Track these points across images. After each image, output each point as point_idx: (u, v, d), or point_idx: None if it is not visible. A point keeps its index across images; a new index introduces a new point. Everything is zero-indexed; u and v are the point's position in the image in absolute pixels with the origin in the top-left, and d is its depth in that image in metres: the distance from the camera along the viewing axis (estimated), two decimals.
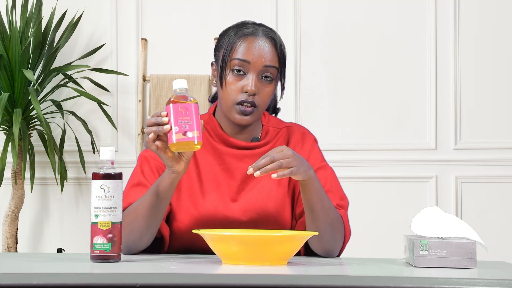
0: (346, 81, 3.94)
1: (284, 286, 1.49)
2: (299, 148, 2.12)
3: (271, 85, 2.04)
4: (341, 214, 2.02)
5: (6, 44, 3.73)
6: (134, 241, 1.94)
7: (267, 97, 2.03)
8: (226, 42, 2.05)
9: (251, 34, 2.04)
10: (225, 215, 2.04)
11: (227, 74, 2.03)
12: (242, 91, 2.01)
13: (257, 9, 3.96)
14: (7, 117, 3.73)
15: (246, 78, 2.02)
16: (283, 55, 2.07)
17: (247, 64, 2.02)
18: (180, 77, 3.92)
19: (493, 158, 3.88)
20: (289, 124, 2.17)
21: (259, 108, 2.03)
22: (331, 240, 1.98)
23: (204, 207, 2.04)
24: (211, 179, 2.06)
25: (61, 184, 3.78)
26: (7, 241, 3.70)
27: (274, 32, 2.08)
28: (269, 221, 2.05)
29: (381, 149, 3.91)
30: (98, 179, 1.71)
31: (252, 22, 2.09)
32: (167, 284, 1.49)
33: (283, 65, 2.07)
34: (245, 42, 2.03)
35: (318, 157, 2.12)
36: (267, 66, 2.02)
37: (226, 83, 2.03)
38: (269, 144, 2.12)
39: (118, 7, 4.01)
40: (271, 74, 2.03)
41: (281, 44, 2.06)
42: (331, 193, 2.05)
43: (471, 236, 1.77)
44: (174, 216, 2.06)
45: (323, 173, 2.09)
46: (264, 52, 2.02)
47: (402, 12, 3.93)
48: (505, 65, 3.89)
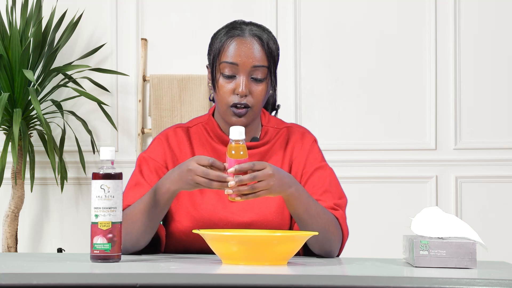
0: (346, 81, 3.94)
1: (284, 286, 1.49)
2: (298, 148, 2.12)
3: (263, 83, 2.04)
4: (337, 215, 2.02)
5: (6, 44, 3.73)
6: (131, 244, 1.95)
7: (260, 96, 2.04)
8: (215, 45, 2.08)
9: (238, 36, 2.04)
10: (223, 215, 2.04)
11: (218, 78, 2.05)
12: (234, 93, 2.03)
13: (257, 9, 3.95)
14: (7, 117, 3.73)
15: (236, 80, 2.03)
16: (271, 52, 2.05)
17: (235, 66, 2.03)
18: (180, 77, 3.92)
19: (493, 158, 3.88)
20: (289, 125, 2.17)
21: (253, 108, 2.04)
22: (327, 242, 1.98)
23: (202, 207, 2.05)
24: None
25: (61, 184, 3.78)
26: (7, 241, 3.70)
27: (262, 29, 2.07)
28: (268, 222, 2.05)
29: (381, 149, 3.91)
30: (98, 179, 1.71)
31: (241, 21, 2.10)
32: (167, 284, 1.49)
33: (272, 62, 2.06)
34: (232, 44, 2.04)
35: (318, 157, 2.12)
36: (256, 66, 2.03)
37: (218, 86, 2.05)
38: (268, 144, 2.12)
39: (118, 7, 4.01)
40: (261, 74, 2.04)
41: (268, 42, 2.05)
42: (330, 193, 2.06)
43: (471, 236, 1.77)
44: (172, 217, 2.07)
45: (322, 173, 2.09)
46: (251, 52, 2.03)
47: (402, 12, 3.93)
48: (505, 65, 3.89)
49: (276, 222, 2.05)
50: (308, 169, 2.10)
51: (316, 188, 2.06)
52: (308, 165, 2.10)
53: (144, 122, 3.98)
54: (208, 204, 2.05)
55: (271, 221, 2.05)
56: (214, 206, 2.04)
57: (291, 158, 2.12)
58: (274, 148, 2.12)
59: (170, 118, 3.90)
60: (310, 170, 2.10)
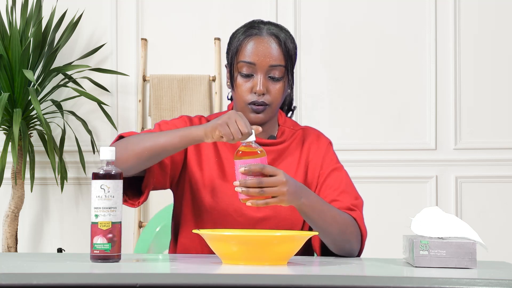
0: (346, 81, 3.94)
1: (284, 286, 1.49)
2: (314, 150, 2.15)
3: (280, 82, 2.07)
4: (355, 215, 2.04)
5: (6, 44, 3.73)
6: (123, 167, 1.95)
7: (278, 94, 2.06)
8: (233, 44, 2.09)
9: (256, 35, 2.06)
10: (239, 207, 2.07)
11: (236, 77, 2.07)
12: (252, 92, 2.05)
13: (257, 9, 3.95)
14: (7, 117, 3.73)
15: (254, 79, 2.05)
16: (289, 52, 2.07)
17: (253, 66, 2.05)
18: (180, 77, 3.92)
19: (493, 158, 3.88)
20: (304, 127, 2.22)
21: (271, 106, 2.06)
22: (346, 244, 2.01)
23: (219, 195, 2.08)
24: (228, 170, 2.10)
25: (61, 184, 3.78)
26: (7, 241, 3.70)
27: (279, 28, 2.09)
28: (282, 217, 2.07)
29: (381, 149, 3.91)
30: (98, 179, 1.71)
31: (259, 21, 2.12)
32: (167, 284, 1.49)
33: (290, 61, 2.08)
34: (250, 43, 2.06)
35: (333, 159, 2.16)
36: (273, 66, 2.05)
37: (236, 85, 2.07)
38: (285, 143, 2.15)
39: (118, 7, 4.01)
40: (278, 72, 2.05)
41: (285, 41, 2.07)
42: (347, 194, 2.09)
43: (471, 236, 1.77)
44: (199, 191, 2.09)
45: (338, 174, 2.13)
46: (268, 52, 2.05)
47: (402, 12, 3.93)
48: (505, 65, 3.89)
49: (289, 218, 2.08)
50: (324, 171, 2.13)
51: (333, 189, 2.09)
52: (325, 167, 2.13)
53: (144, 122, 3.98)
54: (226, 194, 2.07)
55: (284, 217, 2.08)
56: (231, 198, 2.07)
57: (308, 159, 2.14)
58: (290, 148, 2.15)
59: (170, 118, 3.90)
60: (326, 171, 2.13)
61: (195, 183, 2.10)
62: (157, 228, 2.55)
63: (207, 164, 2.11)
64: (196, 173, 2.10)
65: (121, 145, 1.97)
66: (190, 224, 2.11)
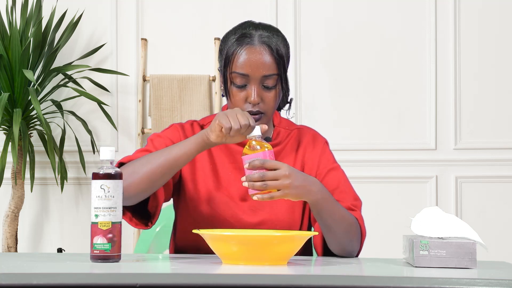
0: (346, 81, 3.94)
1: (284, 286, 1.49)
2: (310, 150, 2.15)
3: (274, 90, 2.06)
4: (356, 216, 2.04)
5: (6, 44, 3.73)
6: (135, 193, 1.94)
7: (272, 101, 2.06)
8: (225, 51, 2.07)
9: (248, 44, 2.04)
10: (235, 212, 2.07)
11: (230, 86, 2.06)
12: (246, 101, 2.05)
13: (257, 9, 3.95)
14: (7, 117, 3.73)
15: (247, 89, 2.05)
16: (281, 58, 2.06)
17: (246, 77, 2.04)
18: (180, 77, 3.92)
19: (493, 158, 3.88)
20: (299, 126, 2.20)
21: (266, 113, 2.06)
22: (349, 244, 2.01)
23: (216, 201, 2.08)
24: (223, 177, 2.10)
25: (61, 184, 3.78)
26: (7, 241, 3.70)
27: (271, 33, 2.07)
28: (278, 221, 2.07)
29: (381, 149, 3.91)
30: (98, 179, 1.71)
31: (250, 24, 2.09)
32: (167, 284, 1.49)
33: (282, 67, 2.06)
34: (242, 54, 2.03)
35: (330, 159, 2.15)
36: (266, 76, 2.04)
37: (231, 95, 2.07)
38: (280, 145, 2.14)
39: (118, 7, 4.01)
40: (272, 81, 2.05)
41: (277, 47, 2.05)
42: (345, 194, 2.08)
43: (471, 236, 1.77)
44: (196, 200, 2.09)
45: (336, 174, 2.12)
46: (261, 62, 2.03)
47: (402, 12, 3.93)
48: (505, 65, 3.89)
49: (286, 222, 2.08)
50: (321, 171, 2.12)
51: (332, 189, 2.09)
52: (322, 167, 2.13)
53: (144, 122, 3.98)
54: (221, 201, 2.08)
55: (281, 220, 2.07)
56: (227, 204, 2.07)
57: (303, 160, 2.14)
58: (286, 150, 2.15)
59: (170, 118, 3.90)
60: (324, 171, 2.12)
61: (191, 194, 2.09)
62: (157, 228, 2.55)
63: (201, 174, 2.10)
64: (190, 184, 2.10)
65: (127, 170, 1.95)
66: (188, 230, 2.10)
